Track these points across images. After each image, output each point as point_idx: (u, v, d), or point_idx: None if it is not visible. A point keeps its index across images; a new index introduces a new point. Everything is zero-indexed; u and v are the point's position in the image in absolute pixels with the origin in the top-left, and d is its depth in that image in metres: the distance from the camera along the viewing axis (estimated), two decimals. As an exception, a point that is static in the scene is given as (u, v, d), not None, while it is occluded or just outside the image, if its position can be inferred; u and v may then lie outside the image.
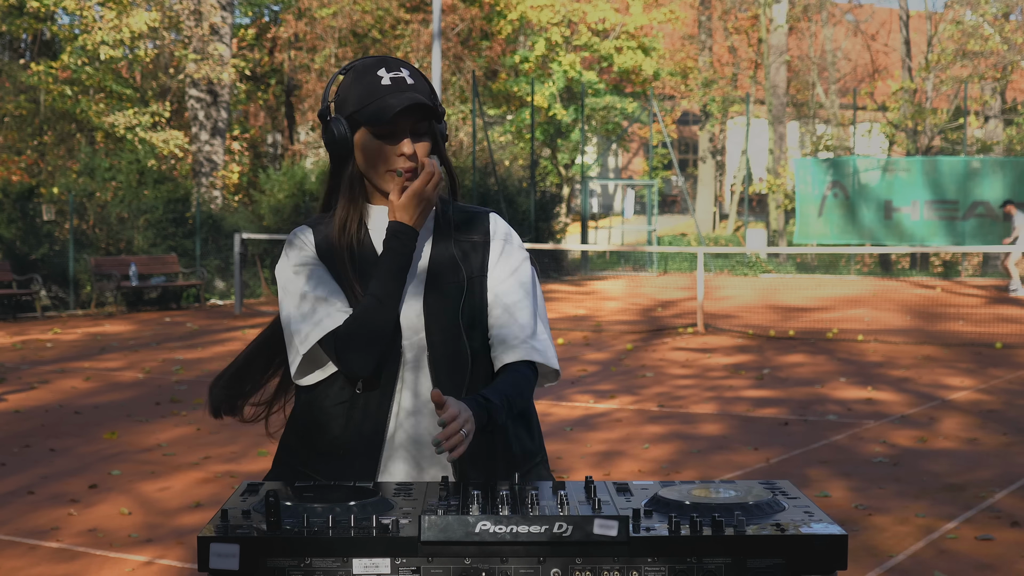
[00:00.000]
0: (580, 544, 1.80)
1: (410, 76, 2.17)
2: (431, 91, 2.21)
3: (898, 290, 20.92)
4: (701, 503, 1.95)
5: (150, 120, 22.85)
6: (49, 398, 9.45)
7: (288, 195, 21.38)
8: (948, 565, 4.93)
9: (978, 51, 27.50)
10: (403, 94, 2.13)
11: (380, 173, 2.16)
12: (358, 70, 2.18)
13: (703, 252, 15.31)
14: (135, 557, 5.08)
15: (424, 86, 2.19)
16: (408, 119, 2.13)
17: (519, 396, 2.15)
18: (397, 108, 2.09)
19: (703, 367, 11.28)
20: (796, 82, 36.79)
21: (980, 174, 24.35)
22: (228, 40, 23.82)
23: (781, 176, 28.83)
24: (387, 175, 2.16)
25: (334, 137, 2.17)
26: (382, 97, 2.12)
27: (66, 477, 6.62)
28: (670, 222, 38.00)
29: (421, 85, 2.18)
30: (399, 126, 2.13)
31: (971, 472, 6.69)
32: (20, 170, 23.28)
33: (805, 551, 1.82)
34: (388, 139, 2.14)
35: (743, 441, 7.64)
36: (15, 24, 22.77)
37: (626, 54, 31.95)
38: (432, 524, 1.79)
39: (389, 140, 2.14)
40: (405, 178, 2.13)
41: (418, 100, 2.11)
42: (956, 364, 11.49)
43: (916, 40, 35.94)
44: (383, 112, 2.10)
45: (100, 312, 17.95)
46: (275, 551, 1.80)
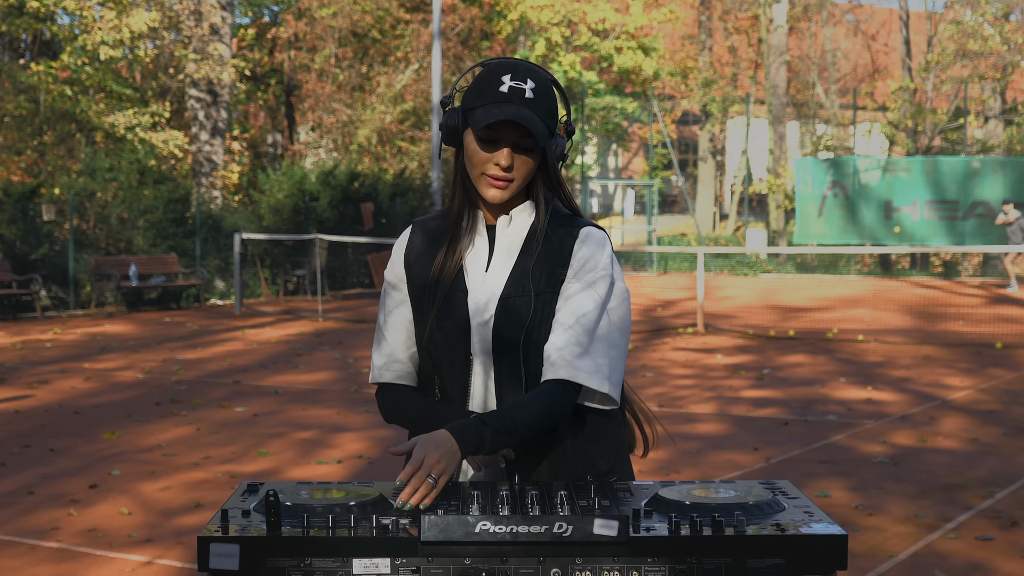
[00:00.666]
0: (580, 544, 1.80)
1: (532, 90, 2.13)
2: (554, 110, 2.18)
3: (898, 290, 20.92)
4: (701, 503, 1.94)
5: (150, 120, 22.85)
6: (49, 398, 9.45)
7: (288, 195, 21.38)
8: (948, 565, 4.92)
9: (978, 51, 27.50)
10: (511, 106, 2.10)
11: (475, 175, 2.16)
12: (490, 68, 2.17)
13: (703, 252, 15.30)
14: (135, 557, 5.08)
15: (546, 104, 2.15)
16: (512, 132, 2.11)
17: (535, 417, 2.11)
18: (494, 119, 2.08)
19: (703, 367, 11.28)
20: (796, 82, 36.79)
21: (980, 174, 24.35)
22: (228, 40, 23.82)
23: (781, 176, 28.83)
24: (480, 178, 2.15)
25: (446, 126, 2.19)
26: (492, 104, 2.11)
27: (66, 477, 6.61)
28: (670, 222, 38.00)
29: (542, 102, 2.14)
30: (502, 135, 2.12)
31: (971, 472, 6.69)
32: (20, 170, 23.28)
33: (805, 551, 1.82)
34: (489, 145, 2.13)
35: (743, 441, 7.64)
36: (15, 24, 22.77)
37: (626, 54, 31.96)
38: (432, 524, 1.79)
39: (490, 147, 2.13)
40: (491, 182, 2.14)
41: (520, 118, 2.08)
42: (956, 364, 11.49)
43: (916, 40, 35.95)
44: (484, 119, 2.10)
45: (100, 312, 17.95)
46: (275, 551, 1.80)
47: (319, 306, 17.65)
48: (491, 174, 2.13)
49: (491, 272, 2.21)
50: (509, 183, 2.14)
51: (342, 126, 28.50)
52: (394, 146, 28.81)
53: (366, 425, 8.24)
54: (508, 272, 2.20)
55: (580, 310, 2.16)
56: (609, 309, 2.20)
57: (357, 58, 29.51)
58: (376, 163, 27.98)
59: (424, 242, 2.26)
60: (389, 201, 22.45)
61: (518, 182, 2.15)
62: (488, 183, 2.14)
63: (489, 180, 2.14)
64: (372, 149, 28.37)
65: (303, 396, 9.56)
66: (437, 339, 2.21)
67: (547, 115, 2.16)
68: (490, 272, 2.21)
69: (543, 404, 2.12)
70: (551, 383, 2.14)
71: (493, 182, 2.14)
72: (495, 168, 2.13)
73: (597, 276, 2.19)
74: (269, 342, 13.58)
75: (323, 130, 28.92)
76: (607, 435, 2.26)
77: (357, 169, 23.86)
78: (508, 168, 2.13)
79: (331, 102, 28.39)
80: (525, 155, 2.14)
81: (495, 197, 2.15)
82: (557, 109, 2.20)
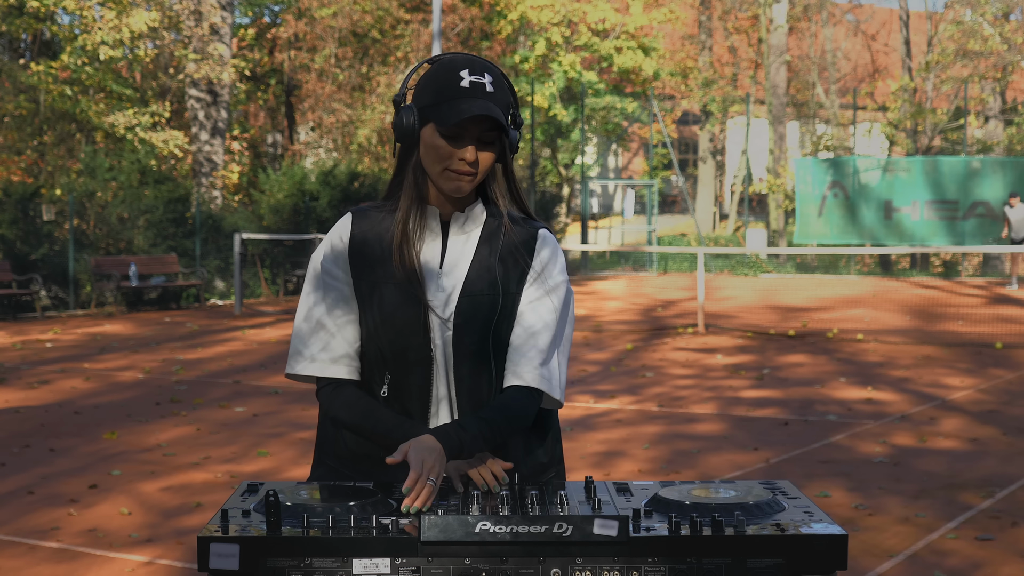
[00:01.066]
0: (580, 544, 1.80)
1: (492, 84, 2.14)
2: (510, 103, 2.20)
3: (898, 290, 20.92)
4: (701, 503, 1.95)
5: (150, 120, 22.85)
6: (49, 398, 9.45)
7: (288, 195, 21.38)
8: (948, 565, 4.92)
9: (978, 51, 27.50)
10: (477, 101, 2.11)
11: (438, 171, 2.15)
12: (443, 64, 2.16)
13: (703, 252, 15.30)
14: (135, 557, 5.08)
15: (504, 97, 2.17)
16: (476, 126, 2.13)
17: (509, 423, 2.14)
18: (466, 115, 2.08)
19: (703, 367, 11.28)
20: (796, 82, 36.79)
21: (980, 174, 24.35)
22: (228, 40, 23.82)
23: (781, 176, 28.83)
24: (444, 173, 2.15)
25: (402, 125, 2.16)
26: (457, 99, 2.11)
27: (66, 477, 6.61)
28: (670, 222, 38.00)
29: (501, 95, 2.16)
30: (467, 131, 2.12)
31: (971, 472, 6.69)
32: (20, 170, 23.27)
33: (805, 551, 1.82)
34: (453, 141, 2.13)
35: (743, 441, 7.64)
36: (15, 24, 22.77)
37: (626, 54, 31.95)
38: (432, 524, 1.79)
39: (454, 142, 2.13)
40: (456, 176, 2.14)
41: (491, 112, 2.09)
42: (956, 364, 11.49)
43: (916, 40, 35.95)
44: (452, 115, 2.09)
45: (100, 312, 17.95)
46: (275, 551, 1.80)
47: (319, 306, 17.64)
48: (456, 168, 2.14)
49: (447, 266, 2.20)
50: (473, 176, 2.15)
51: (342, 126, 28.51)
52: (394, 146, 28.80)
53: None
54: (467, 266, 2.19)
55: (543, 318, 2.19)
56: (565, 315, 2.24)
57: (357, 58, 29.51)
58: (376, 163, 27.99)
59: (368, 233, 2.21)
60: (389, 201, 22.43)
61: (480, 175, 2.16)
62: (452, 177, 2.14)
63: (453, 174, 2.14)
64: (372, 149, 28.37)
65: (303, 396, 9.56)
66: (390, 334, 2.17)
67: (505, 108, 2.17)
68: (446, 266, 2.20)
69: (516, 410, 2.15)
70: (519, 389, 2.17)
71: (458, 176, 2.14)
72: (460, 163, 2.13)
73: (556, 282, 2.22)
74: (269, 342, 13.58)
75: (323, 130, 28.92)
76: (551, 432, 2.32)
77: (357, 169, 23.86)
78: (474, 163, 2.13)
79: (331, 102, 28.40)
80: (487, 148, 2.15)
81: (459, 190, 2.15)
82: (511, 100, 2.21)
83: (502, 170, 2.23)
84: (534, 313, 2.19)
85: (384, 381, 2.19)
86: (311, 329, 2.21)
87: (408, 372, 2.18)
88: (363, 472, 2.22)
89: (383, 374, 2.19)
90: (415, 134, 2.17)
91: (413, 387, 2.18)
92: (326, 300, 2.21)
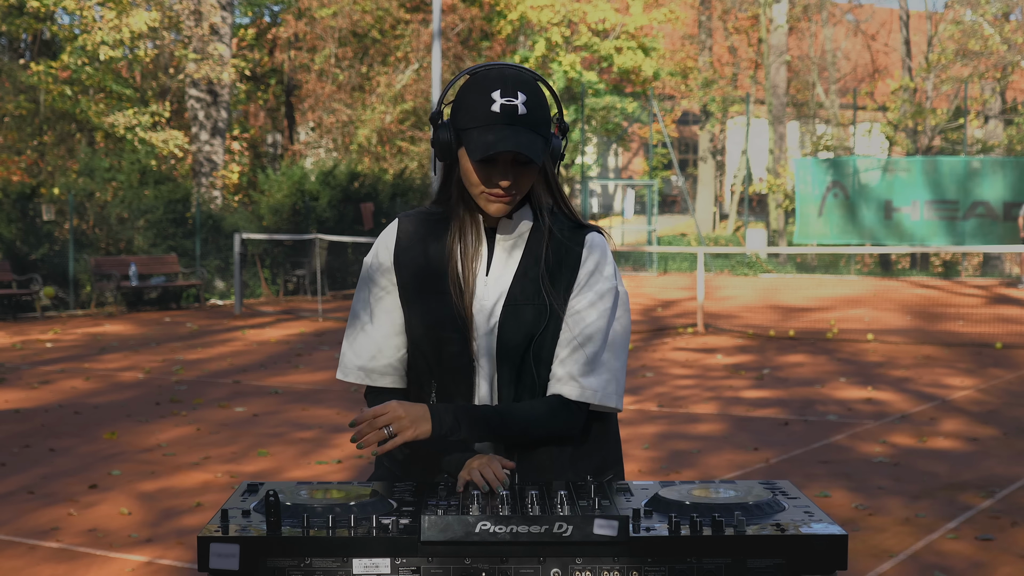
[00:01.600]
0: (580, 544, 1.80)
1: (524, 104, 2.10)
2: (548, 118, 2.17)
3: (898, 290, 20.92)
4: (701, 503, 1.95)
5: (150, 120, 22.84)
6: (49, 398, 9.45)
7: (288, 195, 21.38)
8: (948, 565, 4.93)
9: (978, 51, 27.50)
10: (507, 129, 2.08)
11: (476, 194, 2.16)
12: (477, 82, 2.13)
13: (703, 252, 15.30)
14: (135, 557, 5.08)
15: (539, 114, 2.13)
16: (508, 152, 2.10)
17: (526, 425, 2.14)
18: (492, 150, 2.07)
19: (703, 367, 11.28)
20: (796, 82, 36.79)
21: (980, 174, 24.35)
22: (228, 40, 23.82)
23: (781, 176, 28.83)
24: (482, 196, 2.15)
25: (439, 143, 2.17)
26: (487, 127, 2.09)
27: (66, 477, 6.61)
28: (670, 222, 38.00)
29: (535, 114, 2.12)
30: (500, 156, 2.11)
31: (971, 472, 6.69)
32: (20, 170, 23.27)
33: (805, 551, 1.82)
34: (488, 166, 2.12)
35: (743, 441, 7.64)
36: (15, 24, 22.77)
37: (626, 54, 31.96)
38: (432, 524, 1.79)
39: (489, 168, 2.12)
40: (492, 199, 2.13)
41: (518, 147, 2.07)
42: (956, 364, 11.49)
43: (916, 40, 35.95)
44: (481, 147, 2.08)
45: (100, 312, 17.95)
46: (275, 551, 1.80)
47: (319, 306, 17.66)
48: (493, 192, 2.13)
49: (492, 275, 2.20)
50: (512, 198, 2.14)
51: (342, 126, 28.51)
52: (394, 146, 28.81)
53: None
54: (511, 275, 2.19)
55: (588, 327, 2.17)
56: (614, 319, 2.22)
57: (357, 58, 29.51)
58: (376, 163, 27.99)
59: (415, 238, 2.22)
60: (389, 201, 22.45)
61: (520, 195, 2.15)
62: (489, 199, 2.14)
63: (490, 197, 2.14)
64: (372, 149, 28.38)
65: (303, 396, 9.56)
66: (434, 342, 2.18)
67: (542, 124, 2.14)
68: (492, 275, 2.20)
69: (538, 415, 2.15)
70: (555, 398, 2.17)
71: (495, 200, 2.14)
72: (496, 188, 2.13)
73: (605, 288, 2.20)
74: (269, 342, 13.58)
75: (323, 130, 28.92)
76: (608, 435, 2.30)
77: (357, 169, 23.86)
78: (509, 187, 2.12)
79: (331, 102, 28.40)
80: (524, 169, 2.13)
81: (498, 211, 2.15)
82: (549, 112, 2.17)
83: (545, 179, 2.22)
84: (581, 322, 2.18)
85: (432, 388, 2.21)
86: (360, 337, 2.25)
87: (453, 379, 2.19)
88: (416, 474, 2.23)
89: (430, 381, 2.21)
90: (454, 153, 2.16)
91: (457, 395, 2.19)
92: (374, 308, 2.24)
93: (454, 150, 2.16)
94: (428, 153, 27.58)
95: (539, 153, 2.11)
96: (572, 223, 2.25)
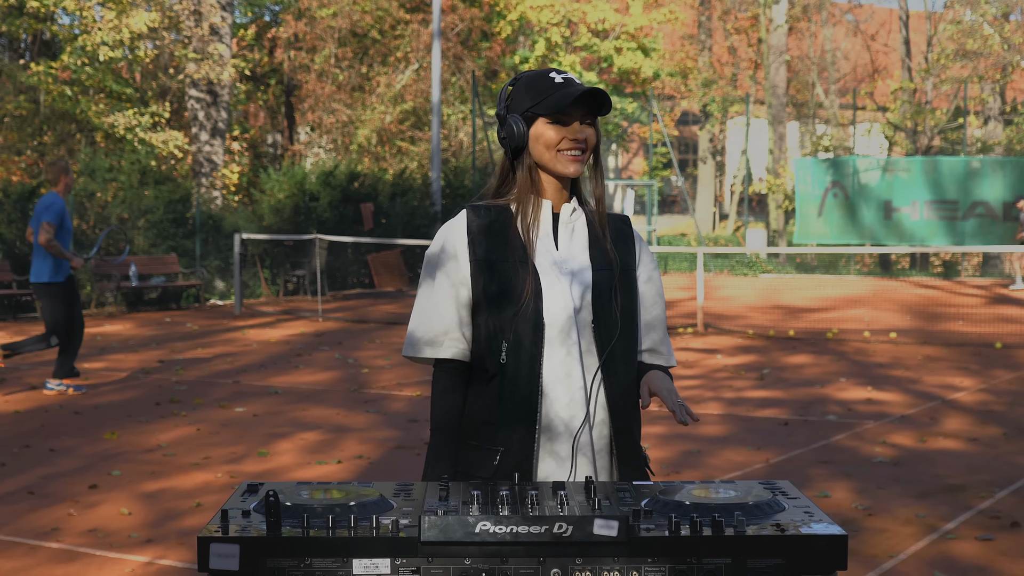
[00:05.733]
0: (580, 544, 1.80)
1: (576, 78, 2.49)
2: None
3: (898, 290, 20.92)
4: (701, 503, 1.95)
5: (150, 120, 22.83)
6: (49, 398, 9.45)
7: (288, 195, 21.38)
8: (948, 565, 4.93)
9: (978, 51, 27.50)
10: (575, 84, 2.42)
11: (551, 157, 2.43)
12: (529, 77, 2.47)
13: (703, 252, 15.30)
14: (135, 557, 5.08)
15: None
16: (580, 108, 2.41)
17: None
18: (576, 94, 2.37)
19: (703, 367, 11.28)
20: (796, 82, 36.79)
21: (980, 174, 24.35)
22: (228, 40, 23.82)
23: (781, 176, 28.83)
24: (557, 156, 2.43)
25: (513, 133, 2.44)
26: (559, 89, 2.41)
27: (66, 477, 6.61)
28: (670, 222, 38.00)
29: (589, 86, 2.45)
30: (570, 115, 2.41)
31: (971, 472, 6.69)
32: (20, 170, 23.27)
33: (805, 551, 1.82)
34: (562, 125, 2.42)
35: (743, 441, 7.64)
36: (15, 24, 22.77)
37: (626, 55, 31.96)
38: (432, 524, 1.79)
39: (563, 126, 2.42)
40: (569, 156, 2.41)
41: (593, 86, 2.39)
42: (956, 364, 11.49)
43: (916, 40, 35.95)
44: (563, 99, 2.38)
45: (100, 312, 17.95)
46: (275, 551, 1.80)
47: (319, 306, 17.65)
48: (567, 148, 2.42)
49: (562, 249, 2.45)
50: (584, 153, 2.44)
51: (342, 126, 28.50)
52: (394, 146, 28.81)
53: (367, 426, 8.25)
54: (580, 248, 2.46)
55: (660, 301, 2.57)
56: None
57: (357, 58, 29.50)
58: (376, 163, 27.98)
59: (484, 221, 2.46)
60: (389, 201, 22.44)
61: (588, 153, 2.45)
62: (567, 158, 2.42)
63: (567, 155, 2.42)
64: (372, 149, 28.37)
65: (303, 396, 9.56)
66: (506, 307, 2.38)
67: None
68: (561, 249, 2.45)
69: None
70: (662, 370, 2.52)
71: (571, 155, 2.42)
72: (569, 142, 2.41)
73: (654, 265, 2.60)
74: (269, 342, 13.58)
75: (323, 130, 28.91)
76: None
77: (357, 169, 23.85)
78: (581, 140, 2.41)
79: (331, 102, 28.39)
80: (592, 127, 2.45)
81: (575, 171, 2.43)
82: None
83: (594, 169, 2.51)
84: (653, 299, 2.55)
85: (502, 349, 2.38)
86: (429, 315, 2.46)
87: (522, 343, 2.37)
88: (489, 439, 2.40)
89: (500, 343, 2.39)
90: (526, 137, 2.44)
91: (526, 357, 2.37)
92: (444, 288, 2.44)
93: (526, 134, 2.43)
94: (428, 153, 27.58)
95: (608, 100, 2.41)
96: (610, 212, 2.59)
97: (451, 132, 29.17)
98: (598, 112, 2.43)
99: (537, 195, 2.47)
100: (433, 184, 22.71)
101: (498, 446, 2.36)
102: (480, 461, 2.38)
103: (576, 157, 2.42)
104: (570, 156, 2.41)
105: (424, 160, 27.89)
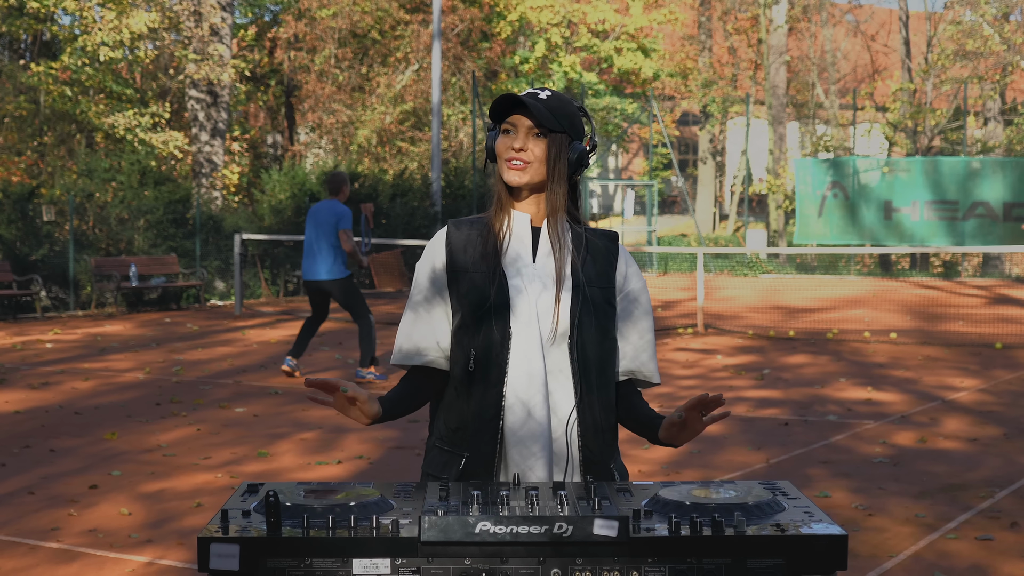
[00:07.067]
0: (580, 544, 1.80)
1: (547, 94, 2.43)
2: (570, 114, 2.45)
3: (898, 290, 20.92)
4: (701, 503, 1.95)
5: (150, 121, 22.83)
6: (49, 398, 9.45)
7: (289, 196, 21.38)
8: (948, 565, 4.93)
9: (978, 51, 27.50)
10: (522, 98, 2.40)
11: (502, 164, 2.45)
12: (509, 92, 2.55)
13: (703, 252, 15.30)
14: (135, 558, 5.08)
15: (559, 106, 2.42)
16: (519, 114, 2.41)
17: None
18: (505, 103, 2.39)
19: (704, 368, 11.29)
20: (796, 82, 36.79)
21: (980, 174, 24.35)
22: (228, 41, 23.81)
23: (781, 176, 28.83)
24: (503, 166, 2.44)
25: (488, 146, 2.49)
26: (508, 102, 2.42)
27: (66, 477, 6.61)
28: (670, 222, 38.00)
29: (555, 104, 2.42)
30: (519, 124, 2.42)
31: (971, 472, 6.69)
32: (20, 171, 23.27)
33: (805, 551, 1.82)
34: (507, 136, 2.43)
35: (743, 441, 7.64)
36: (15, 24, 22.77)
37: (626, 55, 31.96)
38: (432, 524, 1.79)
39: (507, 137, 2.43)
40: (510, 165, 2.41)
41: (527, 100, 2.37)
42: (956, 364, 11.49)
43: (916, 40, 35.95)
44: (493, 108, 2.42)
45: (100, 313, 17.95)
46: (275, 551, 1.80)
47: (319, 307, 17.64)
48: (508, 157, 2.42)
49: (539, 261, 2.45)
50: (526, 164, 2.41)
51: (342, 127, 28.50)
52: (394, 147, 28.81)
53: (366, 426, 8.23)
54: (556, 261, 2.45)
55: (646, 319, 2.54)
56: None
57: (357, 59, 29.51)
58: (376, 164, 27.98)
59: (463, 235, 2.49)
60: (389, 202, 22.45)
61: (535, 165, 2.42)
62: (507, 167, 2.42)
63: (508, 164, 2.42)
64: (372, 150, 28.37)
65: (304, 397, 9.56)
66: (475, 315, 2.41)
67: (560, 116, 2.42)
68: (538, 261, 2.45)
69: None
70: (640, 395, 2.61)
71: (511, 165, 2.41)
72: (511, 151, 2.41)
73: (642, 283, 2.57)
74: (269, 342, 13.58)
75: (323, 131, 28.91)
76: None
77: (357, 170, 23.85)
78: (521, 150, 2.40)
79: (331, 103, 28.39)
80: (539, 140, 2.41)
81: (513, 180, 2.42)
82: (578, 122, 2.48)
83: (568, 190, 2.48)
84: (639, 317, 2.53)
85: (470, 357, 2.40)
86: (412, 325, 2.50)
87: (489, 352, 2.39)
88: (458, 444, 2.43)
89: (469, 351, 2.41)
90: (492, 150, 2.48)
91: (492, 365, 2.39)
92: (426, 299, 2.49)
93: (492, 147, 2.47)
94: (428, 154, 27.59)
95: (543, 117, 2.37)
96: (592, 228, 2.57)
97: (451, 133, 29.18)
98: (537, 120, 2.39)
99: (511, 206, 2.49)
100: (433, 185, 22.71)
101: (464, 451, 2.40)
102: (446, 464, 2.43)
103: (516, 166, 2.41)
104: (510, 165, 2.42)
105: (424, 161, 27.89)
